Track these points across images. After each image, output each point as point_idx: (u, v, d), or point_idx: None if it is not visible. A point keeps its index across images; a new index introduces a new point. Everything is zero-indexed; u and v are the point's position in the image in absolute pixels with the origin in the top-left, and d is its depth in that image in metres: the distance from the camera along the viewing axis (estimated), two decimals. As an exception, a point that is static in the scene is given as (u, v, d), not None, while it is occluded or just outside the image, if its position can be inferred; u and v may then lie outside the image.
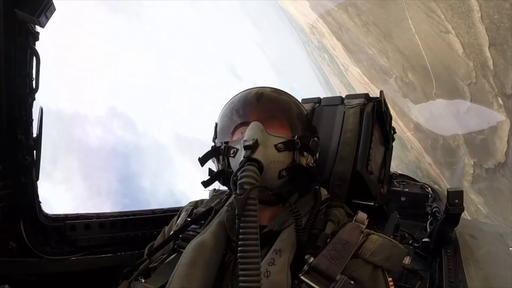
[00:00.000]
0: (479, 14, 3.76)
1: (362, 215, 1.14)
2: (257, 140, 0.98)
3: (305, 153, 1.09)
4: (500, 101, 4.14)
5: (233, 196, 0.95)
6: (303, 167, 1.08)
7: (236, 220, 0.84)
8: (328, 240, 1.00)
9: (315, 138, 1.15)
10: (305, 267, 0.94)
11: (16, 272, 1.38)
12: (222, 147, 1.11)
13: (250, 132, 1.02)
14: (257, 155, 0.96)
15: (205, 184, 1.12)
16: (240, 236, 0.81)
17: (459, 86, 4.92)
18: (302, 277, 0.93)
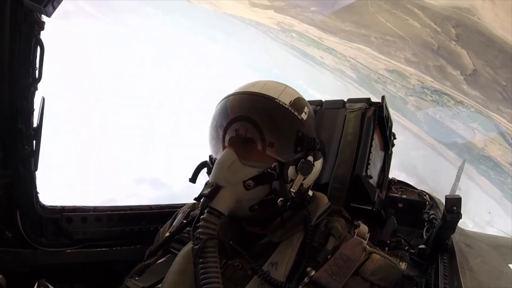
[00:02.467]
0: (423, 14, 9.41)
1: (363, 229, 1.13)
2: (216, 186, 0.92)
3: (290, 177, 1.00)
4: (453, 43, 9.52)
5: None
6: (276, 203, 0.99)
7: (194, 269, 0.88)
8: (329, 257, 0.99)
9: (309, 157, 1.03)
10: (306, 279, 0.94)
11: (10, 263, 1.37)
12: (208, 161, 1.11)
13: (215, 171, 0.96)
14: (217, 202, 0.91)
15: (197, 199, 1.06)
16: (202, 282, 0.83)
17: (426, 39, 10.16)
18: None
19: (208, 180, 0.98)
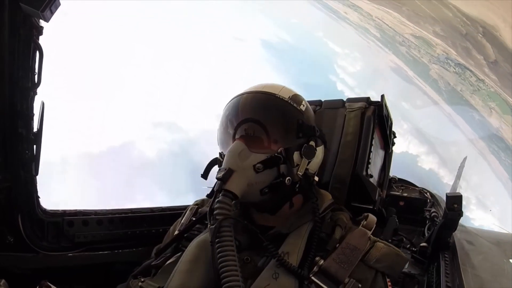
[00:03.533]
0: (456, 10, 12.73)
1: (372, 219, 1.16)
2: (229, 169, 1.00)
3: (295, 162, 1.08)
4: (480, 35, 12.17)
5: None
6: (285, 184, 1.07)
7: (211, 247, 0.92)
8: (337, 245, 1.04)
9: (311, 143, 1.13)
10: (315, 268, 0.99)
11: (12, 266, 1.37)
12: (219, 157, 1.17)
13: (227, 157, 1.04)
14: (230, 184, 0.99)
15: (209, 196, 1.15)
16: (219, 261, 0.88)
17: (457, 26, 12.37)
18: (313, 277, 0.97)
19: (221, 167, 1.04)
